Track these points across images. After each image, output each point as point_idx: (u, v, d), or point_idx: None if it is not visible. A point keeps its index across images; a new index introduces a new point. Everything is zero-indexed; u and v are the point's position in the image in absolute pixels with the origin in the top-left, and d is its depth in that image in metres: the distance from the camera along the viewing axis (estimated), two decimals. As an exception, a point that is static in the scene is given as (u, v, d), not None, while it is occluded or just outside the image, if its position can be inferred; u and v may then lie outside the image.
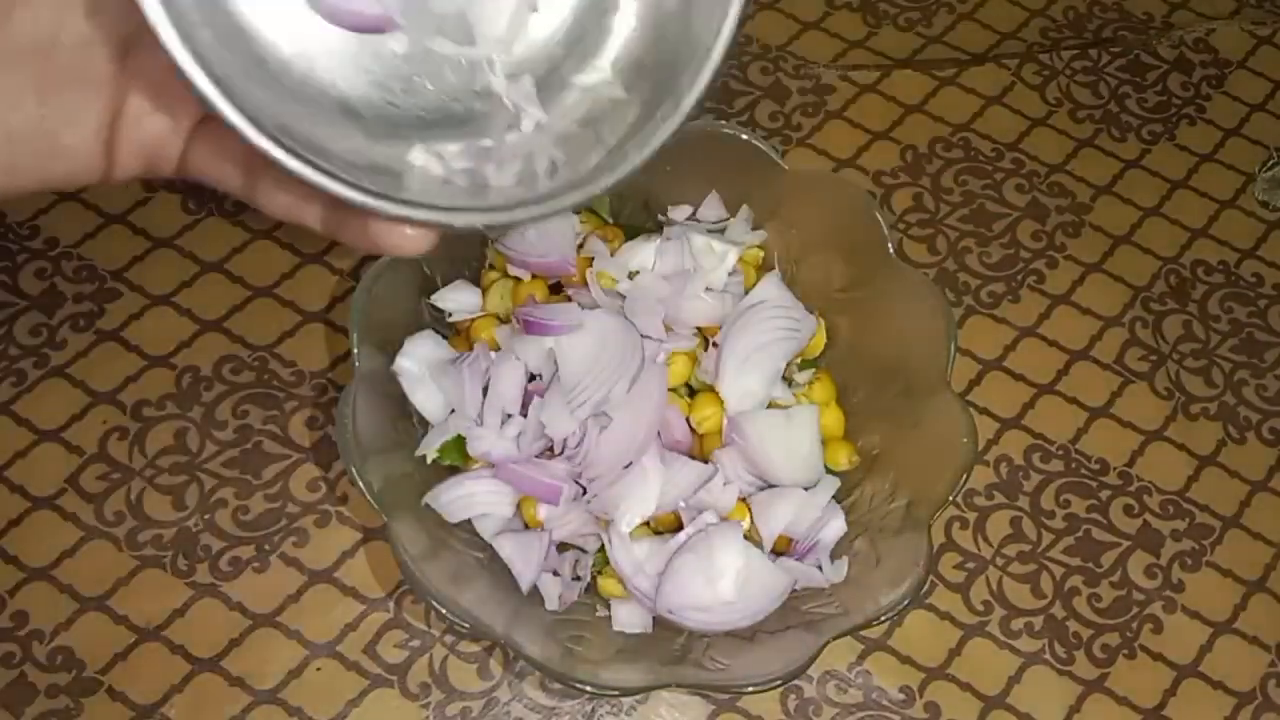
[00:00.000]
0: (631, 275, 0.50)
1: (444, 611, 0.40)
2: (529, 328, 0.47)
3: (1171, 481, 0.56)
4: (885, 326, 0.50)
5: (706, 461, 0.48)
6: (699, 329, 0.50)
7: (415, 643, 0.49)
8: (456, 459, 0.48)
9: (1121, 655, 0.51)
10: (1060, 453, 0.56)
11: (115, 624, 0.49)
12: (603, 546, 0.46)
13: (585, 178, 0.29)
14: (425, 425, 0.49)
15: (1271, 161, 0.66)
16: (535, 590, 0.46)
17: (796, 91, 0.66)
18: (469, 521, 0.47)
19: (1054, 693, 0.50)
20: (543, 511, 0.47)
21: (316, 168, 0.26)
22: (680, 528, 0.46)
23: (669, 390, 0.48)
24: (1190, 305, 0.61)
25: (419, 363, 0.48)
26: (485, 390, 0.47)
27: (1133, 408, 0.58)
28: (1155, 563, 0.54)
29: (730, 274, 0.51)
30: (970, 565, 0.53)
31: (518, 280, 0.51)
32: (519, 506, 0.47)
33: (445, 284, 0.51)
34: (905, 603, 0.42)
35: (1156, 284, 0.62)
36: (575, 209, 0.31)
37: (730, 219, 0.54)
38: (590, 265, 0.50)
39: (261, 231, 0.59)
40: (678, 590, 0.45)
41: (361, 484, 0.42)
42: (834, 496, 0.48)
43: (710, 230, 0.53)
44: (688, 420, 0.49)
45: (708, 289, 0.50)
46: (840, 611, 0.44)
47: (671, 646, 0.45)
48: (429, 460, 0.48)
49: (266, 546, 0.51)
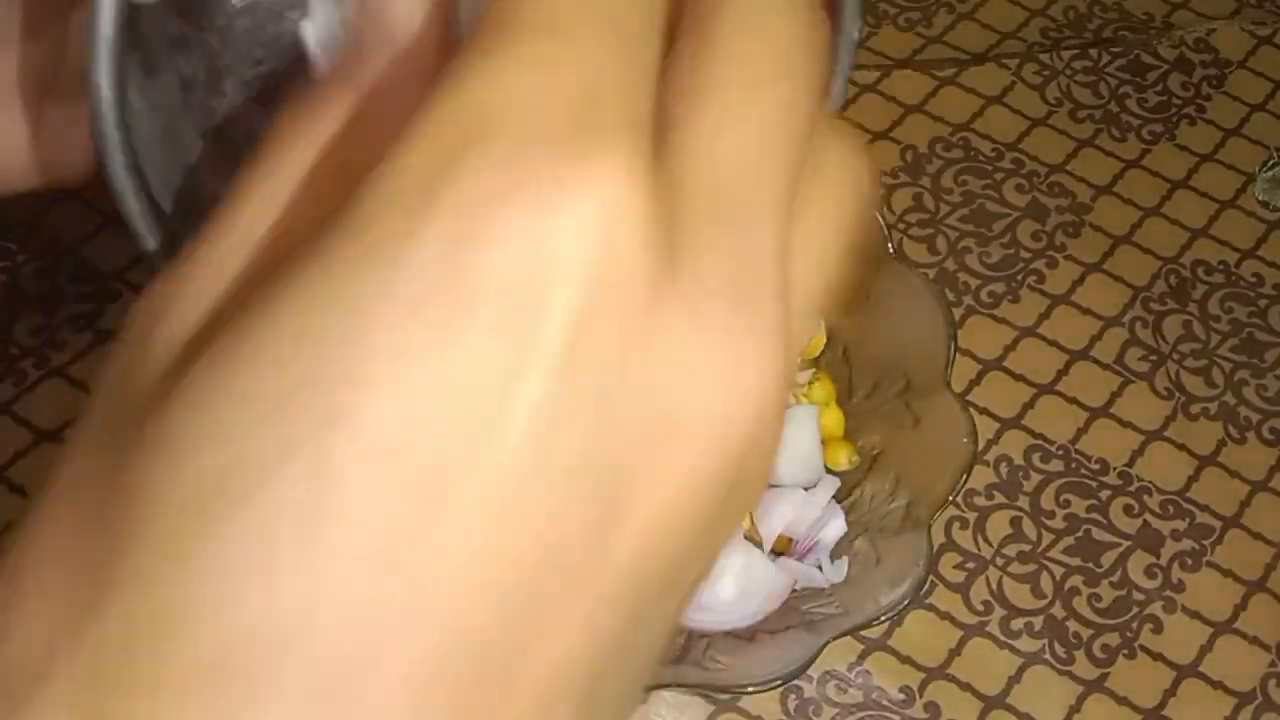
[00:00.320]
0: None
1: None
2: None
3: (1171, 481, 0.56)
4: (885, 327, 0.50)
5: (706, 461, 0.48)
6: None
7: (415, 643, 0.49)
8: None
9: (1121, 655, 0.51)
10: (1060, 453, 0.56)
11: (115, 624, 0.48)
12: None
13: None
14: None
15: (1272, 161, 0.66)
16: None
17: (796, 91, 0.66)
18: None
19: (1054, 693, 0.50)
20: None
21: None
22: (680, 528, 0.46)
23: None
24: (1190, 305, 0.61)
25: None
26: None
27: (1133, 408, 0.58)
28: (1155, 563, 0.54)
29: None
30: (970, 565, 0.53)
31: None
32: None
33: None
34: (905, 603, 0.42)
35: (1156, 284, 0.62)
36: None
37: (730, 219, 0.54)
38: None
39: (261, 231, 0.59)
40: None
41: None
42: (834, 496, 0.48)
43: (710, 230, 0.53)
44: (688, 420, 0.49)
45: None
46: (840, 611, 0.44)
47: (671, 646, 0.45)
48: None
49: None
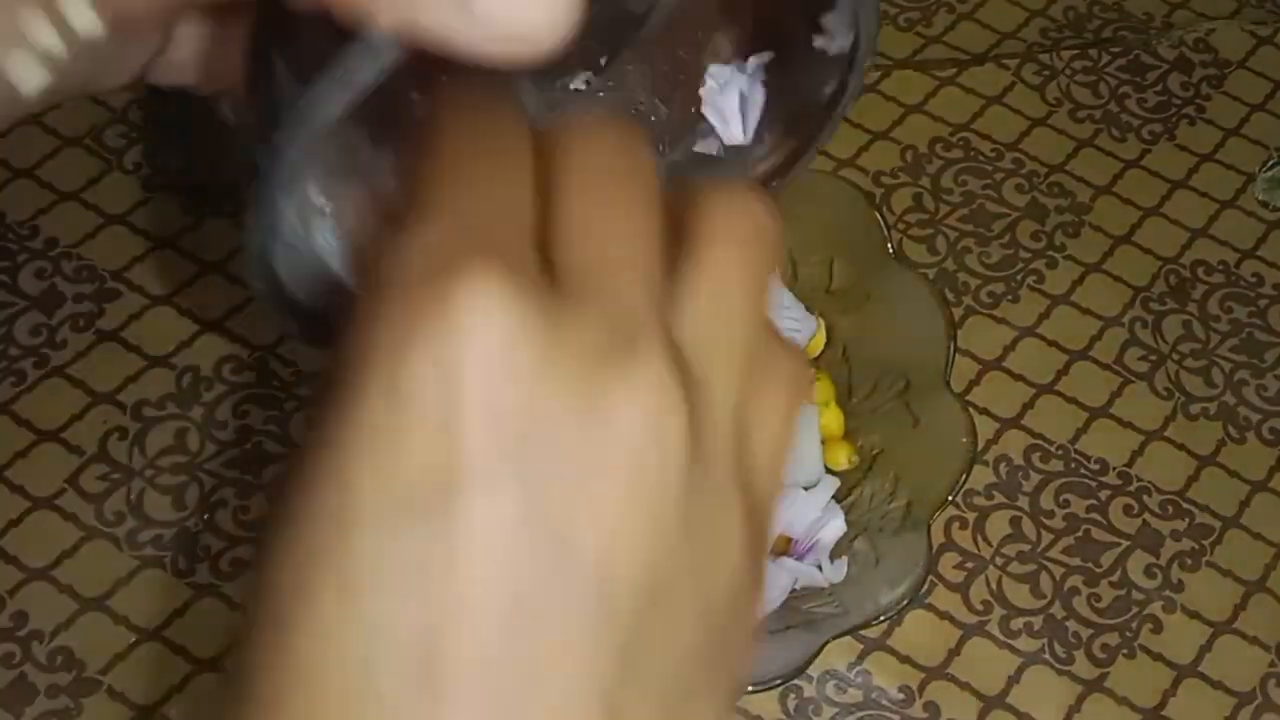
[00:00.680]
0: None
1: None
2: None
3: (1171, 481, 0.56)
4: (884, 327, 0.50)
5: (706, 461, 0.48)
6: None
7: (415, 643, 0.49)
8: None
9: (1121, 655, 0.51)
10: (1060, 453, 0.56)
11: (115, 624, 0.49)
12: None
13: None
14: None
15: (1271, 161, 0.66)
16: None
17: (796, 92, 0.66)
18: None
19: (1053, 692, 0.50)
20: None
21: None
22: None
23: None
24: (1190, 305, 0.61)
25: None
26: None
27: (1132, 408, 0.58)
28: (1155, 562, 0.54)
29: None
30: (970, 565, 0.53)
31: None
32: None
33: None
34: (905, 602, 0.42)
35: (1156, 284, 0.62)
36: None
37: (730, 219, 0.54)
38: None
39: (261, 232, 0.59)
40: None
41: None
42: (834, 496, 0.48)
43: (710, 230, 0.53)
44: (687, 420, 0.49)
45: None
46: (840, 611, 0.44)
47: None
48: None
49: (266, 546, 0.51)
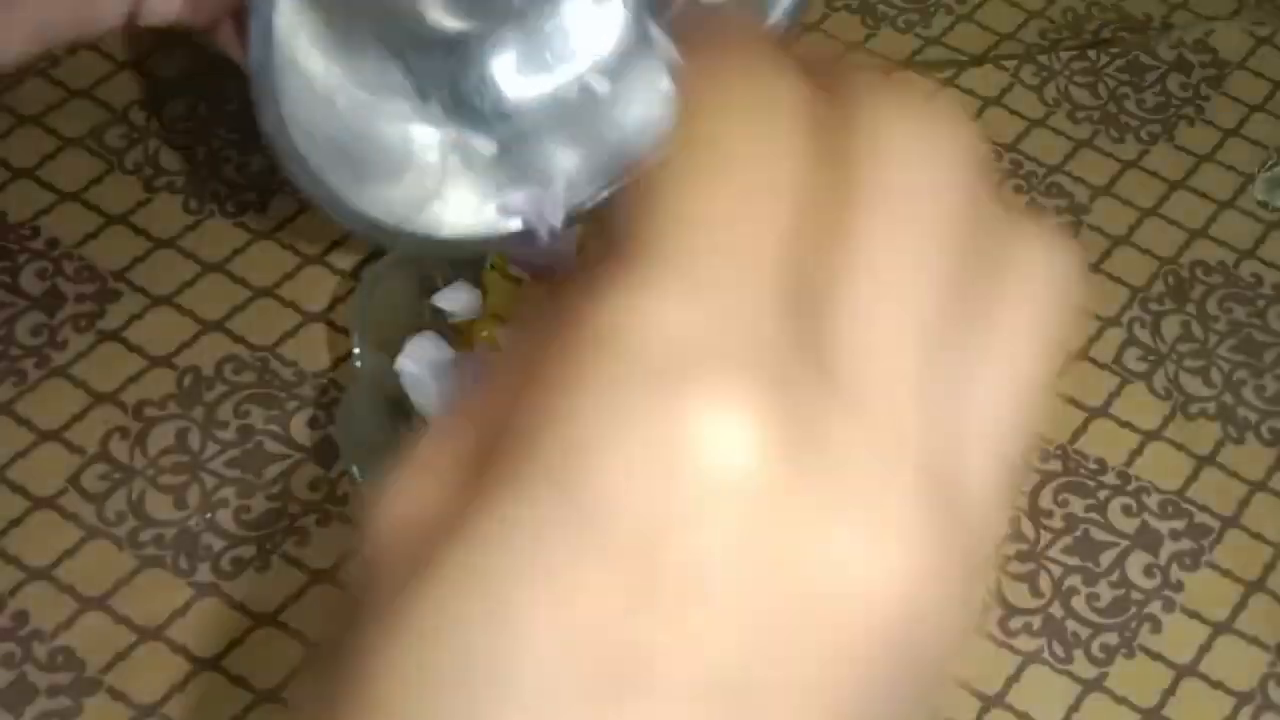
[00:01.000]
0: None
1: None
2: (529, 328, 0.47)
3: (1170, 481, 0.56)
4: (884, 327, 0.50)
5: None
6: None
7: (416, 642, 0.49)
8: (457, 459, 0.48)
9: (1120, 655, 0.51)
10: (1058, 452, 0.56)
11: (116, 624, 0.49)
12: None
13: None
14: (427, 425, 0.49)
15: (1271, 162, 0.66)
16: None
17: (796, 92, 0.66)
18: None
19: (1053, 692, 0.50)
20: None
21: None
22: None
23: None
24: (1189, 305, 0.61)
25: (420, 363, 0.48)
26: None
27: (1131, 408, 0.58)
28: (1154, 562, 0.54)
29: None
30: (969, 565, 0.53)
31: (518, 281, 0.52)
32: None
33: (446, 285, 0.51)
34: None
35: (1155, 284, 0.62)
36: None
37: (730, 220, 0.54)
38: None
39: (263, 232, 0.59)
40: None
41: (363, 484, 0.42)
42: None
43: (710, 231, 0.53)
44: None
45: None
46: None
47: None
48: (429, 460, 0.48)
49: (268, 546, 0.51)
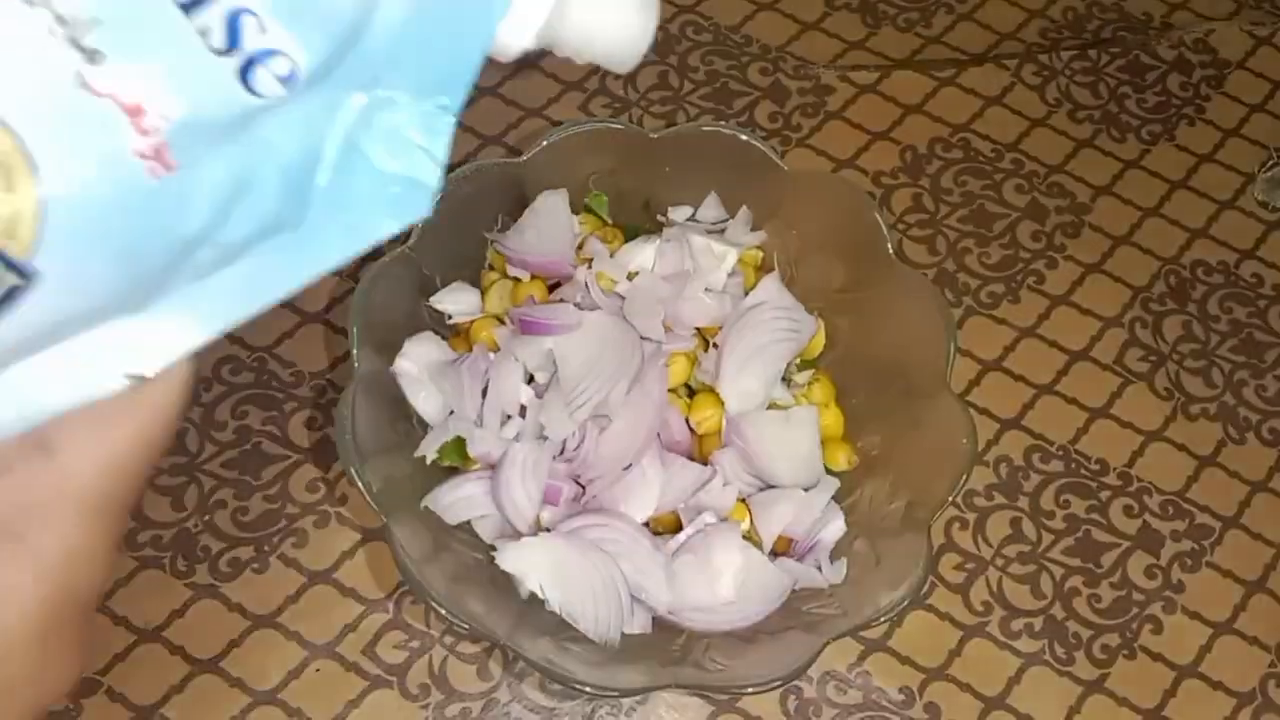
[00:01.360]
0: (631, 276, 0.50)
1: (443, 613, 0.40)
2: (526, 328, 0.47)
3: (1171, 482, 0.56)
4: (885, 327, 0.50)
5: (706, 462, 0.48)
6: (698, 330, 0.50)
7: (415, 643, 0.49)
8: (456, 460, 0.48)
9: (1121, 656, 0.51)
10: (1060, 453, 0.56)
11: (115, 624, 0.49)
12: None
13: None
14: (425, 426, 0.49)
15: (1271, 162, 0.66)
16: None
17: (796, 92, 0.66)
18: (469, 522, 0.47)
19: (1054, 693, 0.50)
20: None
21: None
22: (679, 529, 0.46)
23: (668, 391, 0.48)
24: (1190, 305, 0.61)
25: (418, 364, 0.48)
26: (485, 391, 0.47)
27: (1132, 408, 0.58)
28: (1155, 563, 0.54)
29: (730, 275, 0.51)
30: (970, 566, 0.53)
31: (517, 281, 0.51)
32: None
33: (444, 285, 0.51)
34: (905, 603, 0.42)
35: (1156, 284, 0.62)
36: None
37: (730, 220, 0.54)
38: (589, 265, 0.50)
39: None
40: (677, 591, 0.45)
41: (361, 485, 0.42)
42: (833, 497, 0.48)
43: (710, 231, 0.53)
44: (687, 421, 0.49)
45: (707, 290, 0.50)
46: (840, 612, 0.44)
47: (671, 647, 0.45)
48: (428, 462, 0.48)
49: (266, 547, 0.51)
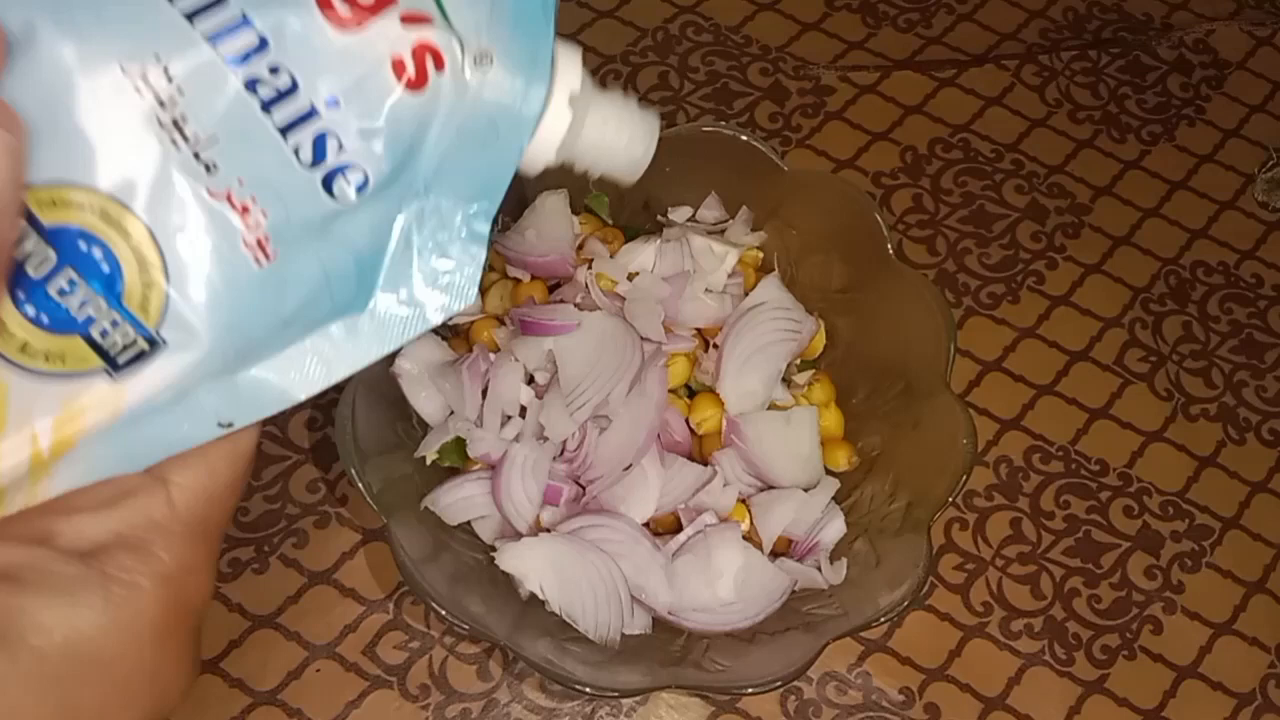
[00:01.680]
0: (631, 276, 0.50)
1: (443, 613, 0.40)
2: (526, 328, 0.47)
3: (1171, 482, 0.56)
4: (885, 328, 0.50)
5: (706, 463, 0.48)
6: (699, 330, 0.50)
7: (415, 644, 0.49)
8: (456, 461, 0.48)
9: (1121, 656, 0.51)
10: (1060, 454, 0.56)
11: (115, 625, 0.48)
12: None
13: None
14: (425, 427, 0.49)
15: (1271, 162, 0.66)
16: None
17: (796, 92, 0.66)
18: (469, 523, 0.47)
19: (1054, 694, 0.50)
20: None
21: None
22: (679, 529, 0.46)
23: (669, 391, 0.48)
24: (1190, 306, 0.61)
25: (418, 364, 0.48)
26: (485, 392, 0.47)
27: (1132, 409, 0.58)
28: (1155, 564, 0.54)
29: (730, 275, 0.51)
30: (970, 566, 0.53)
31: (517, 281, 0.51)
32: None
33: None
34: (905, 604, 0.42)
35: (1156, 285, 0.62)
36: None
37: (730, 220, 0.54)
38: (589, 266, 0.50)
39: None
40: (677, 591, 0.45)
41: (361, 485, 0.42)
42: (833, 497, 0.48)
43: (710, 231, 0.53)
44: (687, 421, 0.49)
45: (707, 290, 0.50)
46: (840, 613, 0.44)
47: (671, 648, 0.45)
48: (428, 462, 0.48)
49: (266, 548, 0.51)
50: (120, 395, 0.22)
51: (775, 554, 0.47)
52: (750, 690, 0.41)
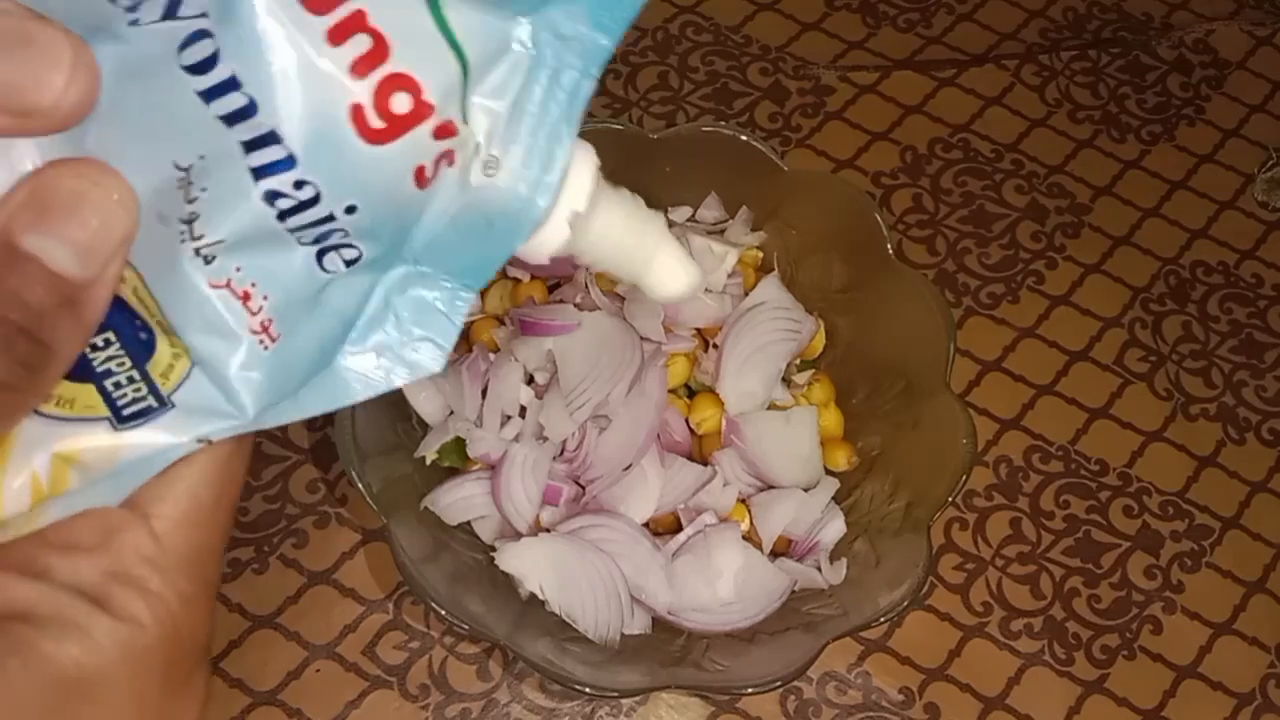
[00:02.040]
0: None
1: (443, 613, 0.40)
2: (525, 328, 0.47)
3: (1171, 482, 0.56)
4: (884, 327, 0.50)
5: (706, 463, 0.48)
6: (698, 330, 0.50)
7: (415, 644, 0.49)
8: (456, 461, 0.48)
9: (1121, 656, 0.51)
10: (1060, 453, 0.56)
11: (114, 625, 0.48)
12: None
13: None
14: (425, 427, 0.49)
15: (1271, 162, 0.66)
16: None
17: (796, 92, 0.66)
18: (469, 523, 0.47)
19: (1054, 694, 0.50)
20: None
21: None
22: (679, 529, 0.46)
23: (668, 391, 0.48)
24: (1190, 306, 0.61)
25: (418, 364, 0.48)
26: (485, 392, 0.47)
27: (1132, 408, 0.58)
28: (1155, 563, 0.54)
29: (730, 275, 0.51)
30: (970, 566, 0.53)
31: (517, 281, 0.51)
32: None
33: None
34: (905, 604, 0.42)
35: (1156, 285, 0.62)
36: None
37: (730, 220, 0.54)
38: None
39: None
40: (677, 591, 0.45)
41: (361, 485, 0.42)
42: (833, 497, 0.48)
43: (710, 231, 0.53)
44: (687, 421, 0.49)
45: (707, 290, 0.50)
46: (840, 613, 0.44)
47: (671, 648, 0.45)
48: (428, 462, 0.48)
49: (266, 548, 0.51)
50: (119, 445, 0.22)
51: (775, 554, 0.47)
52: (750, 690, 0.41)
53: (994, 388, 0.58)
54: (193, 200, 0.20)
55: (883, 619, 0.42)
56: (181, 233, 0.20)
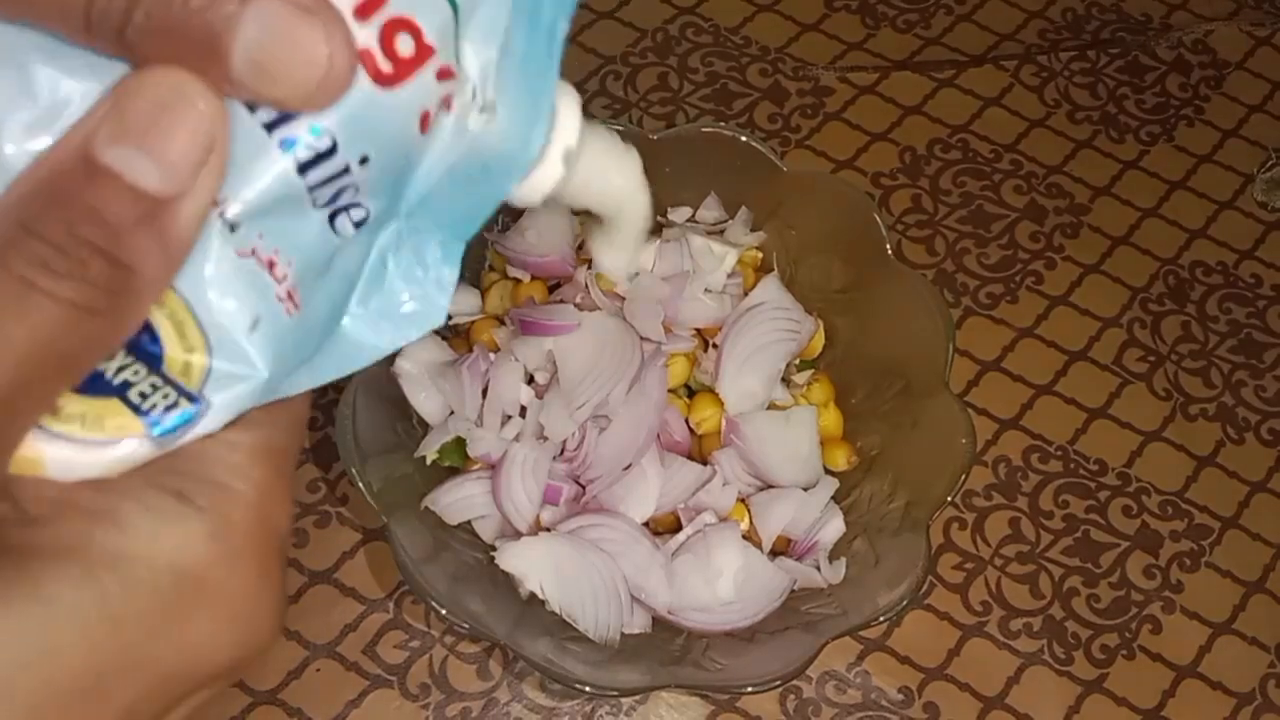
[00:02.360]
0: (631, 277, 0.50)
1: (443, 613, 0.40)
2: (526, 328, 0.47)
3: (1170, 482, 0.56)
4: (884, 327, 0.50)
5: (705, 462, 0.48)
6: (698, 330, 0.51)
7: (415, 643, 0.49)
8: (456, 460, 0.48)
9: (1120, 656, 0.51)
10: (1059, 453, 0.56)
11: (115, 625, 0.49)
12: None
13: None
14: (425, 427, 0.49)
15: (1270, 162, 0.66)
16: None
17: (795, 93, 0.66)
18: (469, 522, 0.47)
19: (1053, 693, 0.50)
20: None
21: None
22: (679, 529, 0.46)
23: (668, 391, 0.48)
24: (1189, 306, 0.61)
25: (419, 364, 0.48)
26: (485, 392, 0.47)
27: (1131, 408, 0.58)
28: (1154, 563, 0.54)
29: (729, 275, 0.51)
30: (969, 566, 0.53)
31: (517, 281, 0.52)
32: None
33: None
34: (904, 603, 0.42)
35: (1155, 285, 0.62)
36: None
37: (729, 220, 0.54)
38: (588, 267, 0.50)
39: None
40: (677, 591, 0.45)
41: (361, 485, 0.42)
42: (833, 497, 0.48)
43: (709, 232, 0.53)
44: (687, 421, 0.49)
45: (707, 290, 0.50)
46: (839, 612, 0.44)
47: (671, 647, 0.45)
48: (429, 461, 0.48)
49: (266, 548, 0.51)
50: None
51: (774, 553, 0.47)
52: (750, 689, 0.41)
53: (993, 388, 0.58)
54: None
55: (882, 618, 0.42)
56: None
